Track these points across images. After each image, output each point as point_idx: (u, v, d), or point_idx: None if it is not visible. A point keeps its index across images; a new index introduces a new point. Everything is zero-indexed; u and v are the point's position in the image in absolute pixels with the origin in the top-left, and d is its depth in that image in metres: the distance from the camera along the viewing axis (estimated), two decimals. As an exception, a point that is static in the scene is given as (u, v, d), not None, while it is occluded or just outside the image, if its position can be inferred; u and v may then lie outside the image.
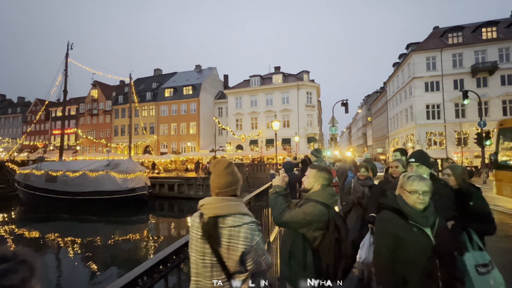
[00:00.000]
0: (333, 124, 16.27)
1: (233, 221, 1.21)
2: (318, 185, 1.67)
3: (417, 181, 1.55)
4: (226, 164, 1.36)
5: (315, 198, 1.62)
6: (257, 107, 32.10)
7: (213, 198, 1.31)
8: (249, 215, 1.26)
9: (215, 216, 1.23)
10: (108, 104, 40.34)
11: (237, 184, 1.34)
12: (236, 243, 1.18)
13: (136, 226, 14.90)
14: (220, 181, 1.32)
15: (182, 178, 19.96)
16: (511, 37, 24.41)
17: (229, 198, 1.28)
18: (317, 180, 1.68)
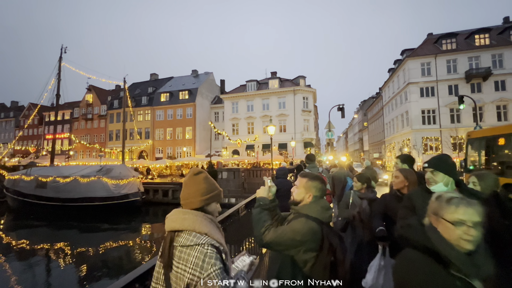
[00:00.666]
0: (329, 129, 16.17)
1: (185, 240, 0.99)
2: (310, 197, 1.44)
3: (464, 207, 0.99)
4: (195, 172, 1.17)
5: (306, 213, 1.38)
6: (254, 112, 31.99)
7: (176, 209, 1.12)
8: (210, 234, 1.02)
9: (171, 230, 1.05)
10: (103, 108, 39.92)
11: (204, 195, 1.11)
12: (183, 270, 0.95)
13: (128, 234, 14.48)
14: (184, 191, 1.15)
15: (176, 184, 19.57)
16: (503, 44, 24.81)
17: (189, 211, 1.08)
18: (308, 190, 1.44)
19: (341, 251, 1.31)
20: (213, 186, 1.16)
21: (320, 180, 1.48)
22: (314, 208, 1.40)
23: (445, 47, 26.66)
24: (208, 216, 1.10)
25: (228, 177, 17.87)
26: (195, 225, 1.02)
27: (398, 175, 2.32)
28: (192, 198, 1.11)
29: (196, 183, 1.13)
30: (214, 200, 1.15)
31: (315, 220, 1.34)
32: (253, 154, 29.41)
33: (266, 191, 1.53)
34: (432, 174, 1.70)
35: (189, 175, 1.17)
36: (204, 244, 0.97)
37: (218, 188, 1.19)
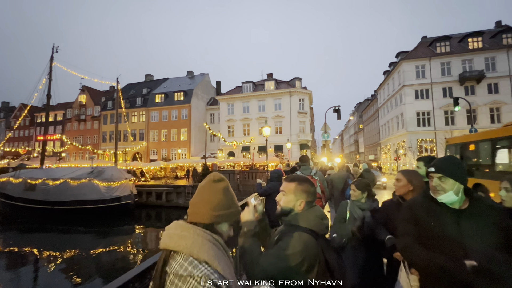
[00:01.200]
0: (325, 131, 16.06)
1: (178, 266, 0.77)
2: (301, 204, 1.20)
3: None
4: (215, 178, 0.94)
5: (299, 224, 1.15)
6: (249, 113, 31.82)
7: (177, 222, 0.89)
8: (211, 263, 0.78)
9: (165, 249, 0.82)
10: (96, 109, 39.31)
11: (216, 210, 0.89)
12: None
13: (120, 237, 14.12)
14: (195, 197, 0.93)
15: (170, 186, 19.23)
16: (496, 47, 25.16)
17: (191, 227, 0.85)
18: (299, 196, 1.21)
19: (340, 271, 1.08)
20: (231, 201, 0.93)
21: (310, 182, 1.27)
22: (309, 217, 1.17)
23: (439, 50, 26.93)
24: (214, 237, 0.86)
25: (223, 179, 17.61)
26: (193, 248, 0.79)
27: (400, 177, 1.93)
28: (201, 208, 0.89)
29: (212, 192, 0.91)
30: (228, 219, 0.92)
31: (311, 233, 1.11)
32: (249, 156, 29.20)
33: (251, 214, 1.22)
34: (440, 180, 1.34)
35: (206, 180, 0.96)
36: (200, 277, 0.74)
37: (236, 206, 0.95)
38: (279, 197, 1.26)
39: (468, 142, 9.36)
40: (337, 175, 4.97)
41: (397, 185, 1.96)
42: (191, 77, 40.59)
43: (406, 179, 1.90)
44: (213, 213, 0.88)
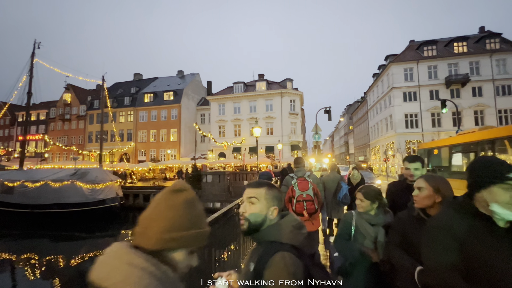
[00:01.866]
0: (316, 132, 16.01)
1: None
2: (274, 211, 0.98)
3: None
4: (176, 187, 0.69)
5: (279, 239, 0.92)
6: (241, 114, 31.56)
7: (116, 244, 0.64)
8: None
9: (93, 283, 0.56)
10: (82, 108, 38.00)
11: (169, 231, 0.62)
12: None
13: (104, 241, 13.53)
14: (145, 212, 0.67)
15: (158, 188, 18.68)
16: (480, 52, 25.99)
17: (130, 257, 0.58)
18: (271, 203, 0.98)
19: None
20: (195, 220, 0.67)
21: (275, 186, 1.05)
22: (286, 229, 0.93)
23: (426, 54, 27.57)
24: (161, 270, 0.59)
25: (213, 180, 17.26)
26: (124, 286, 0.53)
27: (423, 185, 1.46)
28: (149, 228, 0.63)
29: (167, 206, 0.66)
30: (186, 244, 0.65)
31: (294, 250, 0.87)
32: (239, 157, 28.91)
33: None
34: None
35: (164, 190, 0.70)
36: None
37: (201, 226, 0.68)
38: (244, 208, 0.99)
39: (433, 147, 10.78)
40: (330, 177, 4.80)
41: (420, 196, 1.47)
42: (181, 76, 39.94)
43: (432, 187, 1.42)
44: (164, 235, 0.62)
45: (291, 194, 3.10)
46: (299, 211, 3.00)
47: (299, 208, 3.00)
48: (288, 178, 3.35)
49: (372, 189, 1.92)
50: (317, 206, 3.07)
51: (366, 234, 1.80)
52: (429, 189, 1.43)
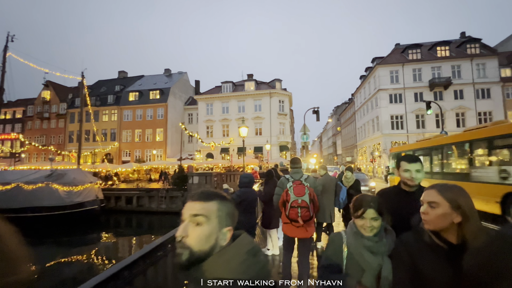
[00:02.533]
0: (304, 132, 15.88)
1: None
2: (228, 234, 0.72)
3: None
4: None
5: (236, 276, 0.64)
6: (229, 114, 31.12)
7: None
8: None
9: None
10: (62, 107, 36.26)
11: None
12: None
13: (82, 247, 12.79)
14: None
15: (142, 190, 17.98)
16: (461, 56, 26.90)
17: None
18: (224, 222, 0.72)
19: None
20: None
21: (229, 199, 0.76)
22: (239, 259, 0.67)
23: (411, 57, 28.24)
24: None
25: (200, 181, 16.77)
26: None
27: (437, 199, 1.04)
28: None
29: None
30: None
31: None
32: (227, 157, 28.47)
33: None
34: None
35: None
36: None
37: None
38: (185, 230, 0.69)
39: (401, 151, 13.17)
40: (327, 179, 4.55)
41: (430, 214, 1.04)
42: (168, 75, 38.99)
43: (449, 202, 1.01)
44: None
45: (286, 198, 2.85)
46: (293, 217, 2.77)
47: (293, 214, 2.76)
48: (283, 180, 3.05)
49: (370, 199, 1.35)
50: (313, 213, 2.81)
51: (366, 265, 1.29)
52: (445, 205, 1.01)
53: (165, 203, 17.04)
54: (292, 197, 2.76)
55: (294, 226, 2.80)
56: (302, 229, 2.80)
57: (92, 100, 34.71)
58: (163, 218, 16.88)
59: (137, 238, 14.23)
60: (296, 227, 2.80)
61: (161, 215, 17.12)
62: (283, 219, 2.93)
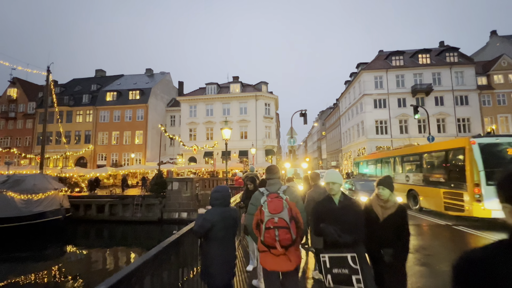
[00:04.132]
0: (291, 136, 15.24)
1: None
2: None
3: None
4: None
5: None
6: (213, 116, 30.04)
7: None
8: None
9: None
10: (31, 106, 33.44)
11: None
12: None
13: (41, 264, 11.18)
14: None
15: (115, 197, 16.42)
16: (441, 64, 27.76)
17: None
18: None
19: None
20: None
21: None
22: None
23: (394, 63, 28.76)
24: None
25: (180, 188, 15.58)
26: None
27: None
28: None
29: None
30: None
31: None
32: (211, 161, 27.29)
33: None
34: None
35: None
36: None
37: None
38: None
39: (360, 160, 17.76)
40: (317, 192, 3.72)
41: None
42: (150, 75, 37.30)
43: None
44: None
45: (260, 217, 2.09)
46: (269, 242, 2.00)
47: (268, 238, 1.99)
48: (257, 195, 2.28)
49: None
50: (295, 235, 1.98)
51: None
52: None
53: (141, 212, 15.63)
54: (267, 215, 2.01)
55: (273, 255, 2.04)
56: (283, 258, 2.04)
57: (66, 99, 32.36)
58: (138, 228, 15.46)
59: (108, 251, 12.78)
60: (275, 256, 2.03)
61: (136, 225, 15.69)
62: (259, 246, 2.11)
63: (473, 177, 7.34)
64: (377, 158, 14.71)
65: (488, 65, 29.04)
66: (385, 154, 13.82)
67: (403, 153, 11.63)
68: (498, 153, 7.45)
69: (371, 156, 16.19)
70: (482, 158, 7.36)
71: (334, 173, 2.31)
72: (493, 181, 6.89)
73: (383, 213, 2.29)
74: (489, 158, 7.38)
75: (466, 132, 26.34)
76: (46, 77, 14.75)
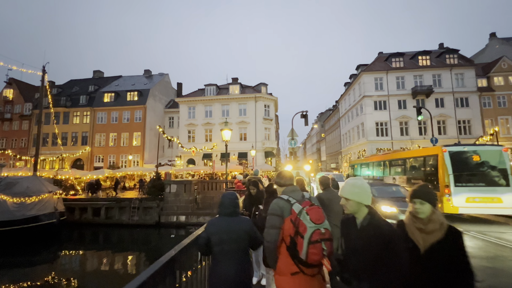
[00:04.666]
0: (292, 137, 14.94)
1: None
2: None
3: None
4: None
5: None
6: (212, 118, 29.74)
7: None
8: None
9: None
10: (27, 107, 33.00)
11: None
12: None
13: (35, 269, 10.80)
14: None
15: (112, 200, 16.03)
16: (441, 66, 27.67)
17: None
18: None
19: None
20: None
21: None
22: None
23: (394, 65, 28.66)
24: None
25: (178, 190, 15.22)
26: None
27: None
28: None
29: None
30: None
31: None
32: (210, 163, 26.95)
33: None
34: None
35: None
36: None
37: None
38: None
39: (355, 163, 19.70)
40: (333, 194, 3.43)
41: None
42: (148, 76, 37.00)
43: None
44: None
45: (296, 230, 1.66)
46: (314, 259, 1.58)
47: (315, 254, 1.57)
48: (282, 204, 1.80)
49: None
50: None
51: None
52: None
53: (138, 215, 15.25)
54: (311, 226, 1.61)
55: (306, 277, 1.65)
56: (318, 278, 1.69)
57: (63, 100, 31.97)
58: (135, 232, 15.07)
59: (103, 255, 12.40)
60: (310, 278, 1.65)
61: (133, 228, 15.29)
62: (284, 269, 1.70)
63: (444, 179, 8.53)
64: (370, 161, 16.49)
65: (488, 67, 29.00)
66: (377, 158, 15.52)
67: (391, 157, 13.39)
68: (465, 160, 8.71)
69: (365, 159, 18.28)
70: (452, 164, 8.60)
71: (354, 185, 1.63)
72: (460, 183, 8.36)
73: (424, 241, 1.55)
74: (457, 164, 8.61)
75: (467, 134, 26.20)
76: (42, 77, 14.40)
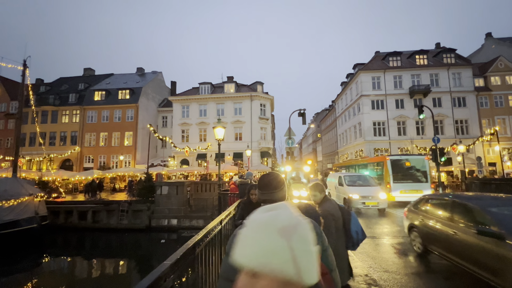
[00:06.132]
0: (289, 136, 14.32)
1: None
2: None
3: None
4: None
5: None
6: (207, 117, 28.97)
7: None
8: None
9: None
10: (13, 105, 31.71)
11: None
12: None
13: (14, 277, 9.96)
14: None
15: (99, 202, 15.17)
16: (438, 65, 27.45)
17: None
18: None
19: None
20: None
21: None
22: None
23: (391, 64, 28.34)
24: None
25: (170, 192, 14.45)
26: None
27: None
28: None
29: None
30: None
31: None
32: (204, 164, 26.19)
33: None
34: None
35: None
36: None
37: None
38: None
39: (340, 166, 23.67)
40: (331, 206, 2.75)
41: None
42: (141, 74, 36.01)
43: None
44: None
45: None
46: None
47: None
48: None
49: None
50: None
51: None
52: None
53: (127, 218, 14.42)
54: None
55: None
56: None
57: (51, 98, 30.83)
58: (124, 237, 14.25)
59: (90, 262, 11.59)
60: None
61: (122, 233, 14.46)
62: None
63: (387, 178, 13.01)
64: (346, 165, 21.95)
65: (484, 66, 28.93)
66: (350, 163, 21.49)
67: (359, 162, 18.74)
68: (400, 165, 13.25)
69: (344, 163, 24.39)
70: (392, 168, 13.08)
71: None
72: (397, 180, 12.74)
73: None
74: (395, 168, 13.12)
75: (464, 134, 26.01)
76: (22, 72, 13.48)
